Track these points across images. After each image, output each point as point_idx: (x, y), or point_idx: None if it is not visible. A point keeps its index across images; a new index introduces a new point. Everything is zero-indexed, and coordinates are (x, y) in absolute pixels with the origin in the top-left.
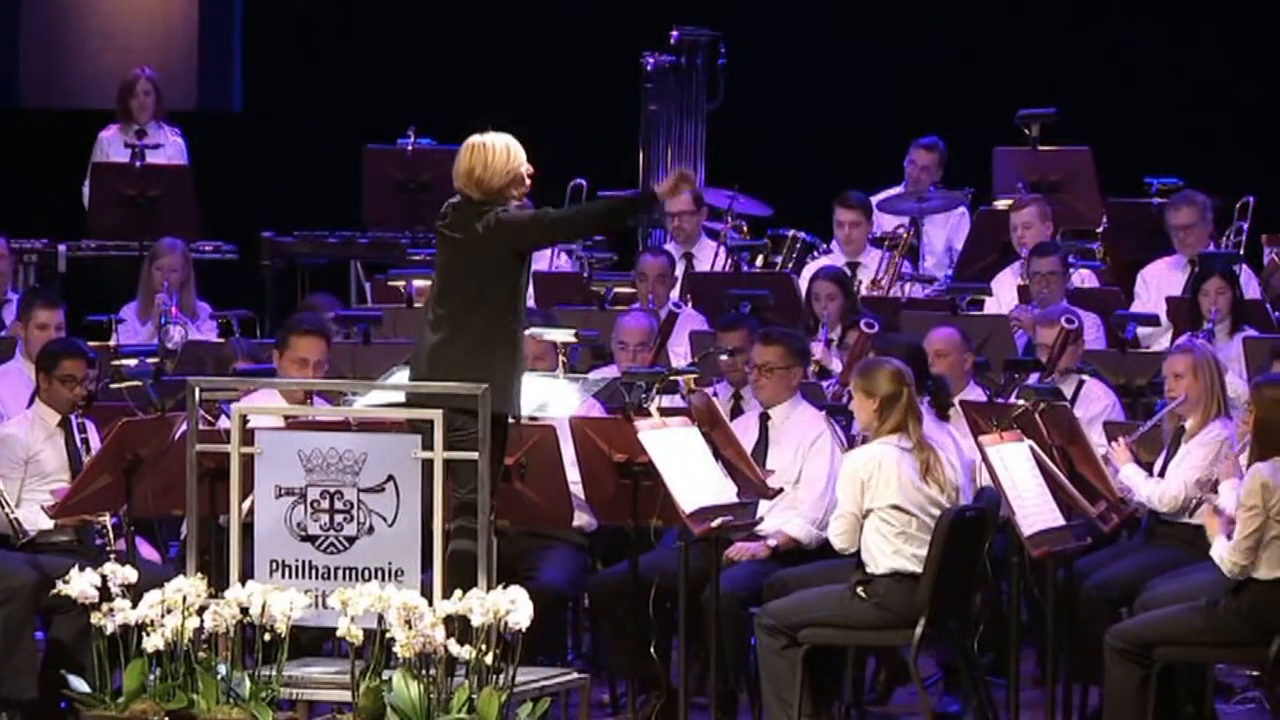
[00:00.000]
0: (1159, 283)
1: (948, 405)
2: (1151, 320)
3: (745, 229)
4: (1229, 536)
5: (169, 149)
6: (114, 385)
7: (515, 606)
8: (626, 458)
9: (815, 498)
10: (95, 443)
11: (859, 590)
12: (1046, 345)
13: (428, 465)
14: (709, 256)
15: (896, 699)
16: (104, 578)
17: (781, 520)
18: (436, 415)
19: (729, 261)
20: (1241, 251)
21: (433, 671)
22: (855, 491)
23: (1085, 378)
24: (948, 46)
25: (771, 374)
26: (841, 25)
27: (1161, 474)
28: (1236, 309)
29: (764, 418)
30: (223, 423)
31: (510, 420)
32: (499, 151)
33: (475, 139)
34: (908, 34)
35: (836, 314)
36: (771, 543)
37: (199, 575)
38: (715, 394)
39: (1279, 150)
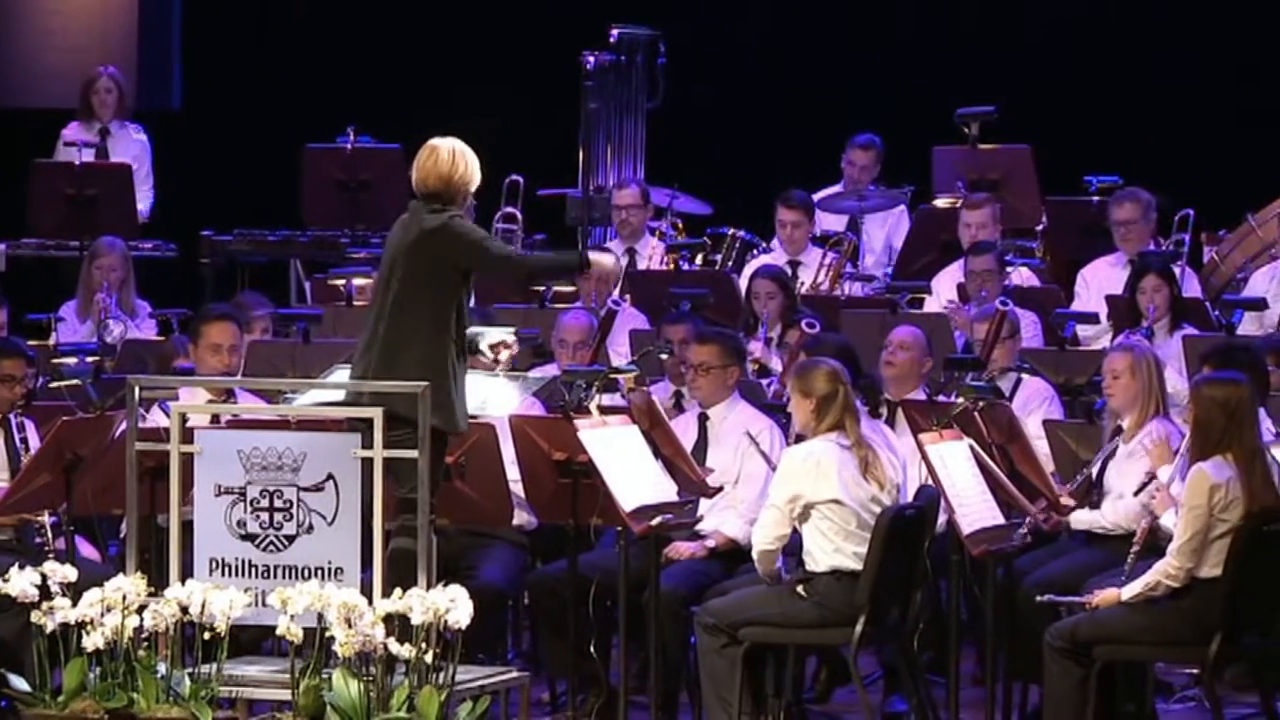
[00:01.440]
0: (1099, 281)
1: (879, 404)
2: (1091, 319)
3: (681, 227)
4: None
5: (133, 146)
6: (53, 384)
7: (455, 605)
8: (566, 456)
9: (754, 497)
10: (35, 442)
11: (799, 589)
12: (982, 340)
13: (367, 464)
14: (651, 254)
15: (836, 698)
16: (44, 576)
17: (720, 520)
18: (376, 414)
19: (669, 260)
20: (1184, 260)
21: (372, 670)
22: (789, 487)
23: (1024, 374)
24: (887, 45)
25: (708, 373)
26: (780, 24)
27: (1100, 472)
28: (1175, 307)
29: (702, 417)
30: (161, 420)
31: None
32: (472, 158)
33: (453, 142)
34: (847, 32)
35: (776, 313)
36: (710, 543)
37: (139, 574)
38: (659, 393)
39: (1217, 150)
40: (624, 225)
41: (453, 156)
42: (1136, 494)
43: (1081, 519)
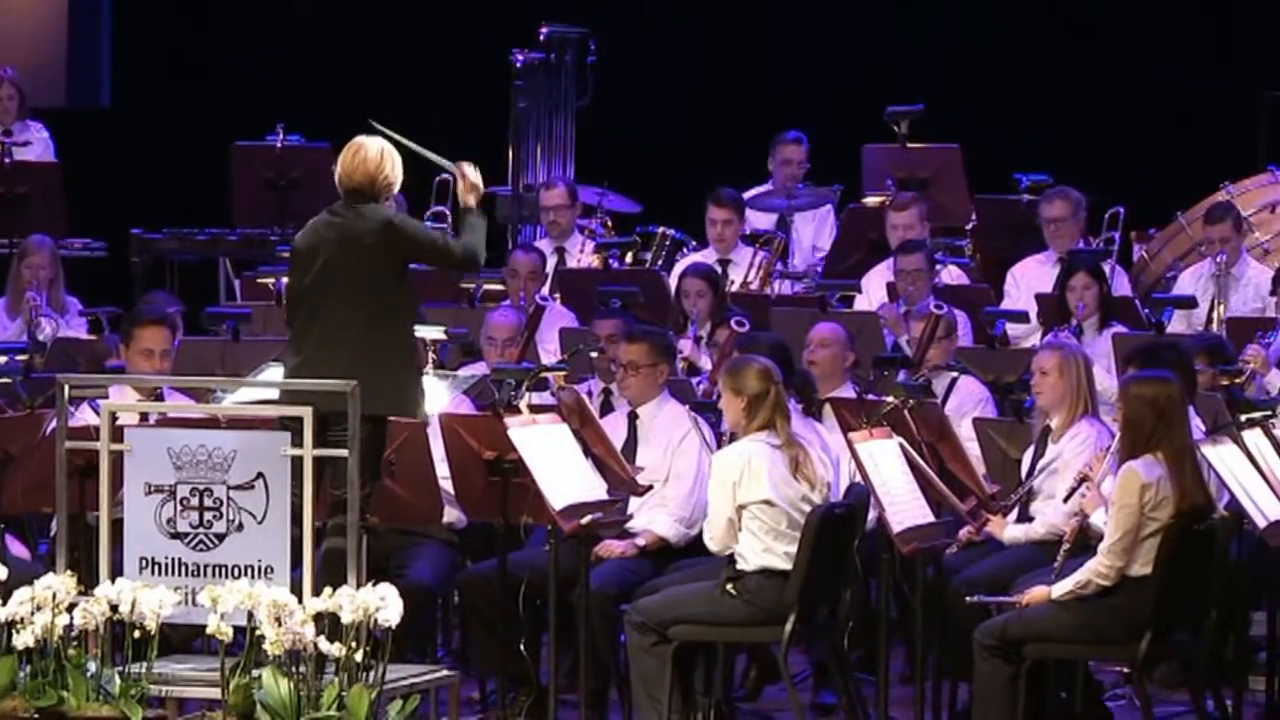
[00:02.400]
0: (1029, 280)
1: (814, 401)
2: (1021, 317)
3: (610, 225)
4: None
5: (36, 146)
6: None
7: (385, 604)
8: (496, 455)
9: (683, 495)
10: None
11: (729, 587)
12: (916, 340)
13: (297, 462)
14: (580, 252)
15: (766, 696)
16: None
17: (649, 519)
18: (306, 412)
19: (598, 258)
20: (1114, 259)
21: (303, 669)
22: (728, 492)
23: (958, 374)
24: (816, 42)
25: (637, 372)
26: (709, 22)
27: (1030, 469)
28: (1105, 305)
29: (632, 416)
30: (91, 418)
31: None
32: (398, 157)
33: (378, 142)
34: (776, 30)
35: (706, 311)
36: (640, 542)
37: (69, 572)
38: (589, 391)
39: (1147, 149)
40: (553, 225)
41: (380, 155)
42: (1066, 500)
43: (1015, 535)
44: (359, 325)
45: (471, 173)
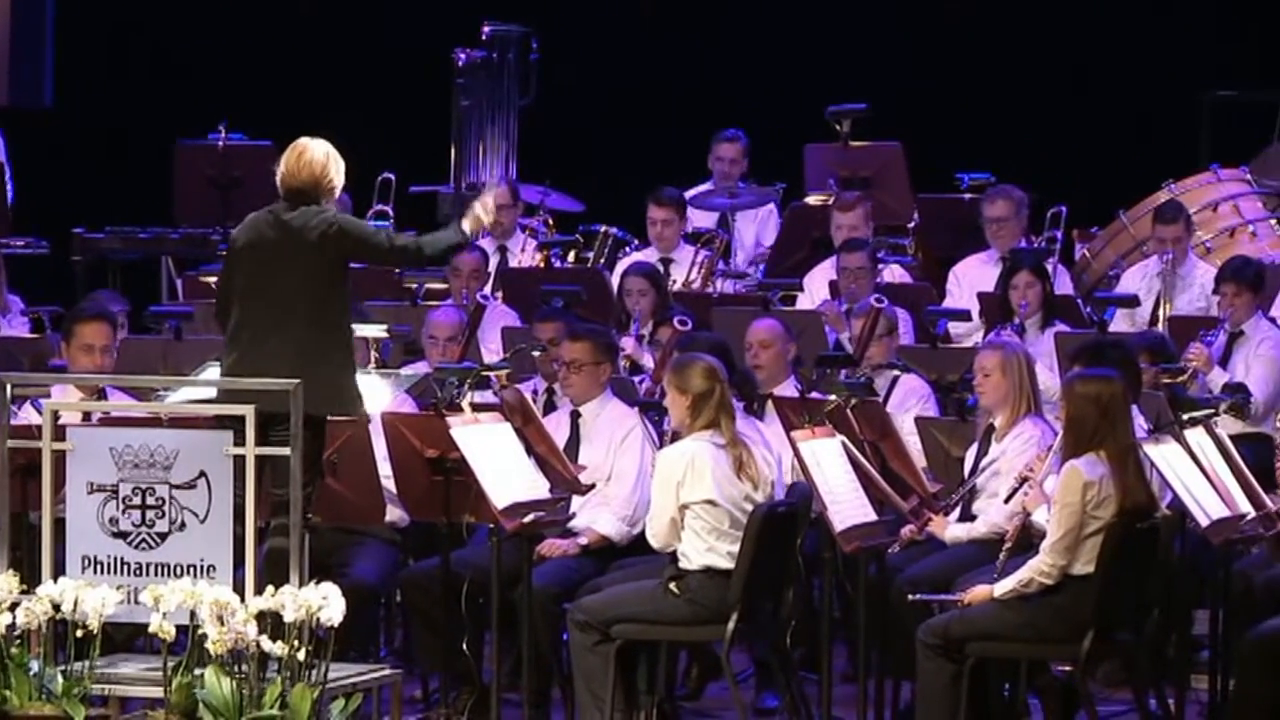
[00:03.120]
0: (971, 279)
1: (755, 400)
2: (963, 316)
3: (553, 224)
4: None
5: None
6: None
7: (327, 602)
8: (438, 453)
9: (626, 494)
10: None
11: (671, 586)
12: (857, 338)
13: (239, 461)
14: (522, 251)
15: (709, 694)
16: None
17: (592, 518)
18: (248, 411)
19: (540, 257)
20: (1057, 258)
21: (245, 668)
22: (671, 491)
23: (899, 372)
24: (759, 42)
25: (580, 370)
26: (652, 20)
27: (973, 469)
28: (1047, 303)
29: (574, 415)
30: (33, 417)
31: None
32: (340, 160)
33: (321, 143)
34: (718, 29)
35: (648, 310)
36: (582, 540)
37: (11, 571)
38: (532, 390)
39: (1089, 147)
40: (495, 225)
41: (325, 157)
42: (1008, 499)
43: (957, 534)
44: (298, 324)
45: (484, 210)
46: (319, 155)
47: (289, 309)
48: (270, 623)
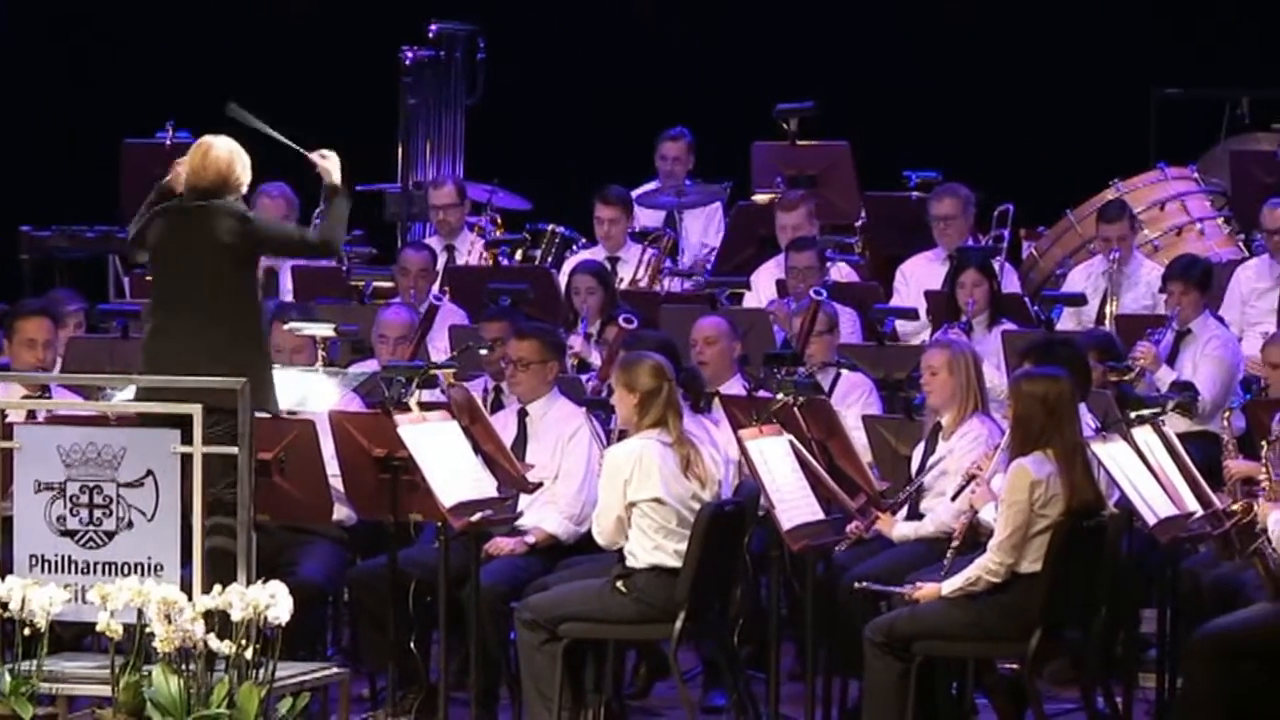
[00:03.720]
0: (918, 277)
1: (702, 397)
2: (910, 314)
3: (500, 222)
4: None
5: None
6: None
7: (275, 601)
8: (386, 452)
9: (573, 493)
10: None
11: (619, 585)
12: (799, 335)
13: (187, 460)
14: (470, 250)
15: (656, 693)
16: None
17: (539, 516)
18: (196, 410)
19: (488, 255)
20: (1004, 256)
21: (193, 666)
22: (618, 489)
23: (843, 370)
24: (707, 40)
25: (527, 369)
26: (600, 19)
27: (921, 467)
28: (995, 302)
29: (522, 413)
30: None
31: (268, 415)
32: (246, 157)
33: (227, 141)
34: (668, 27)
35: (596, 308)
36: (530, 539)
37: None
38: (481, 389)
39: (1036, 146)
40: (442, 224)
41: (230, 155)
42: (954, 498)
43: (904, 533)
44: (210, 321)
45: (326, 161)
46: (224, 153)
47: (200, 306)
48: (218, 621)
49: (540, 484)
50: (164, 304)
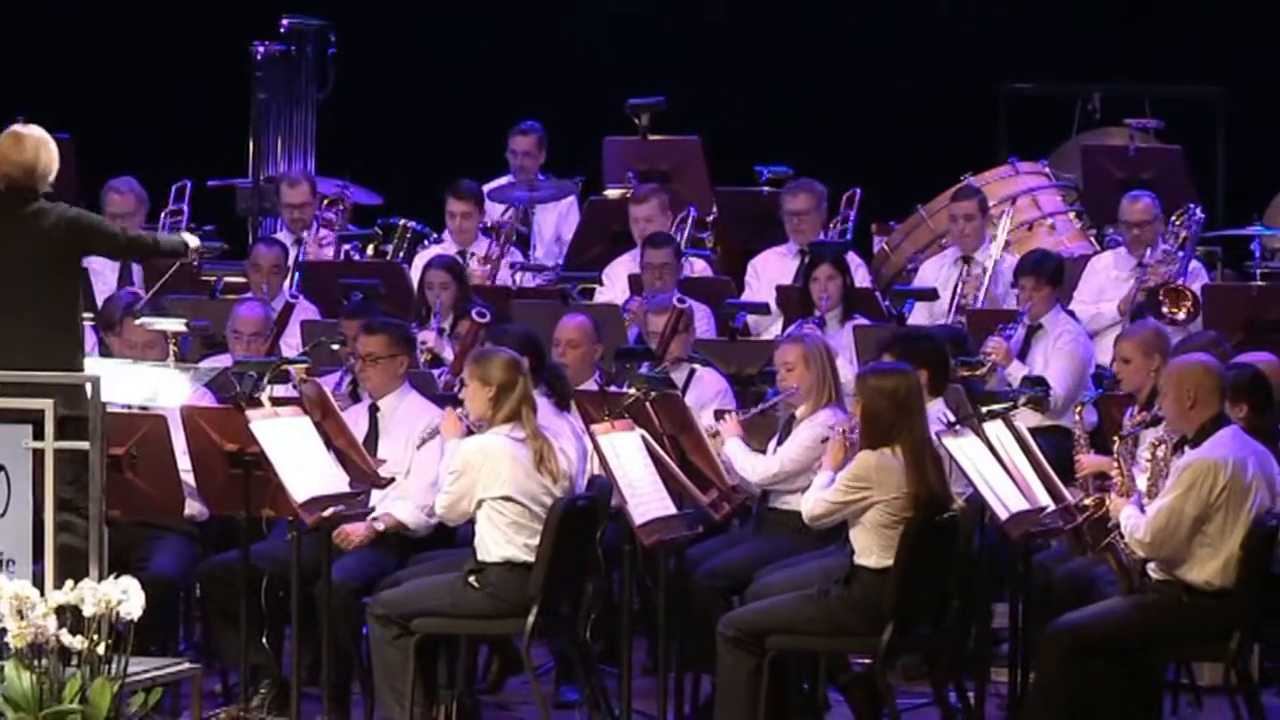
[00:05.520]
0: (769, 271)
1: (567, 395)
2: (761, 309)
3: (346, 210)
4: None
5: None
6: None
7: (127, 597)
8: (238, 447)
9: (424, 487)
10: None
11: (471, 579)
12: (658, 333)
13: (39, 455)
14: (320, 244)
15: (509, 688)
16: None
17: (390, 505)
18: (48, 405)
19: (341, 251)
20: (849, 239)
21: (45, 662)
22: (467, 482)
23: (697, 366)
24: (559, 35)
25: (376, 364)
26: (450, 13)
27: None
28: (848, 297)
29: (373, 408)
30: None
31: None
32: (54, 147)
33: (36, 131)
34: (518, 22)
35: (449, 303)
36: (379, 525)
37: None
38: (336, 383)
39: (887, 140)
40: (296, 221)
41: (38, 144)
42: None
43: (733, 449)
44: (30, 317)
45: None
46: (30, 143)
47: (19, 302)
48: (70, 617)
49: (392, 479)
50: None
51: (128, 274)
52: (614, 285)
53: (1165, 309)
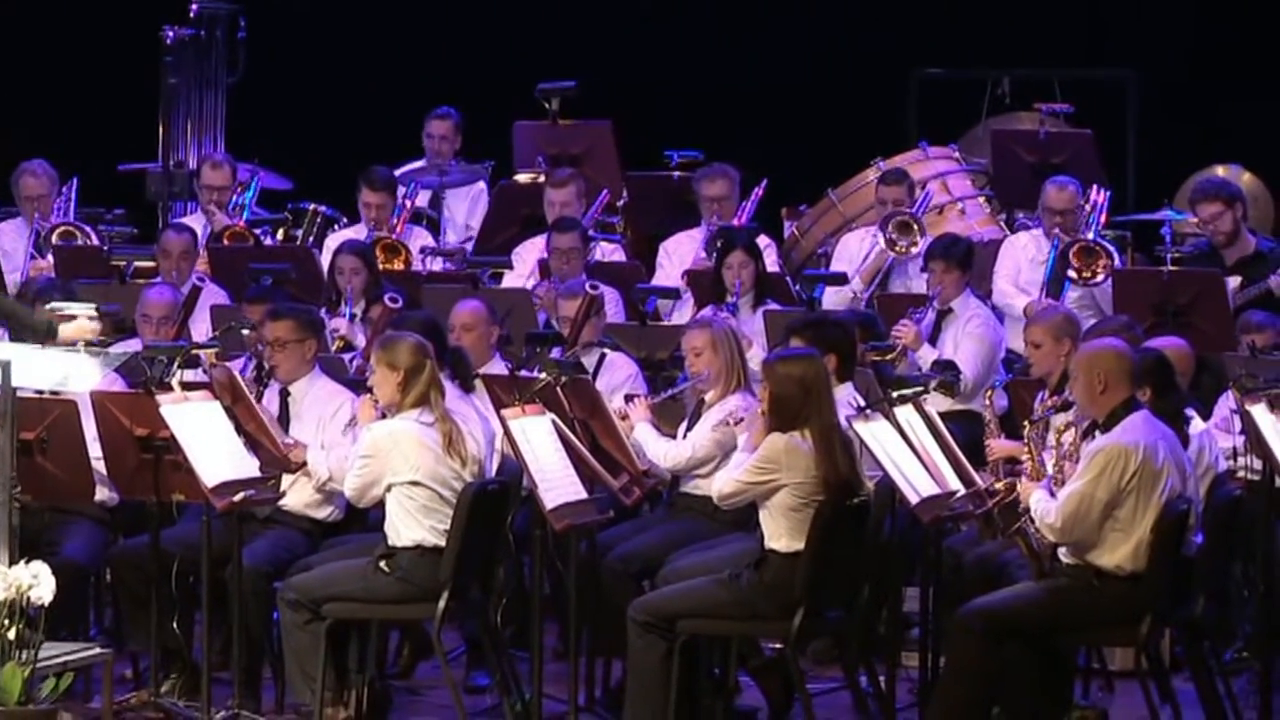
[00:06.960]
0: (680, 255)
1: (470, 378)
2: (671, 293)
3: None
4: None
5: None
6: None
7: (38, 581)
8: (148, 432)
9: (342, 456)
10: None
11: (382, 564)
12: (568, 318)
13: None
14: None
15: (419, 673)
16: None
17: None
18: None
19: (249, 235)
20: (755, 224)
21: None
22: (375, 467)
23: (607, 350)
24: (468, 18)
25: (284, 349)
26: None
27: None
28: (760, 282)
29: (284, 393)
30: None
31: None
32: None
33: None
34: (429, 5)
35: (360, 288)
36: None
37: None
38: (243, 367)
39: (797, 124)
40: (219, 205)
41: None
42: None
43: (643, 433)
44: None
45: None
46: None
47: None
48: None
49: (303, 463)
50: None
51: (41, 254)
52: (523, 268)
53: (1078, 271)
